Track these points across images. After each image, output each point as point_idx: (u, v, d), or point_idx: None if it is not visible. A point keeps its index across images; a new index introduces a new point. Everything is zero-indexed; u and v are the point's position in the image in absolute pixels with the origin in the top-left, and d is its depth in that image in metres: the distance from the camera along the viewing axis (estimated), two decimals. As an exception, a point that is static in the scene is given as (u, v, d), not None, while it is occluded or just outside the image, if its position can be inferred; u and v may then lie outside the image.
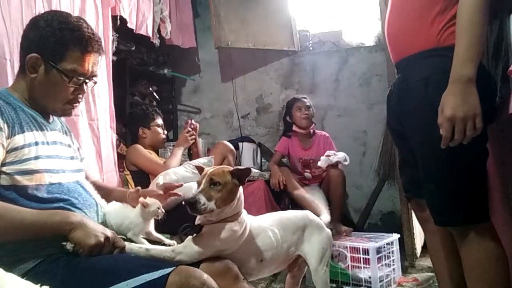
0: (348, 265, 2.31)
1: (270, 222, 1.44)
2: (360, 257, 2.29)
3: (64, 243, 1.05)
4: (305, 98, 3.10)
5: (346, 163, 2.86)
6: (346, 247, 2.36)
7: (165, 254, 1.15)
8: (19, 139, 1.08)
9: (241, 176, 1.28)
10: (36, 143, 1.13)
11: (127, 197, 1.38)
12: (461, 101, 1.10)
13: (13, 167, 1.06)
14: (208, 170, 1.27)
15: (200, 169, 1.36)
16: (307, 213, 1.59)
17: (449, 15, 1.22)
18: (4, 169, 1.05)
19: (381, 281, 2.27)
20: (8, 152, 1.06)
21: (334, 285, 2.29)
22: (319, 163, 2.84)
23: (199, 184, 1.25)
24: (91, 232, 1.04)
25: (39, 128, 1.17)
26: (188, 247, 1.18)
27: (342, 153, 2.86)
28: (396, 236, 2.49)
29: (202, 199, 1.19)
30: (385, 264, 2.35)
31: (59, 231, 1.04)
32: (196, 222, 1.29)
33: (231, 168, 1.30)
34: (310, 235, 1.52)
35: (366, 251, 2.27)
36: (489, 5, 1.13)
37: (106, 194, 1.37)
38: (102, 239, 1.05)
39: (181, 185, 1.49)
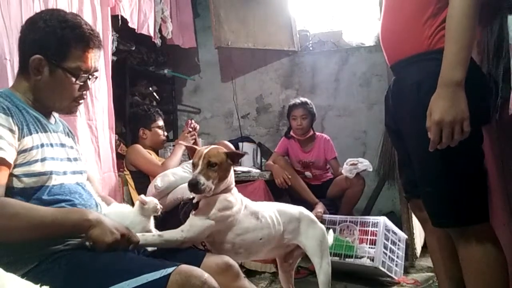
0: (355, 238, 2.41)
1: (268, 207, 1.55)
2: (369, 230, 2.41)
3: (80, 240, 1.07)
4: (304, 104, 3.00)
5: (371, 169, 2.83)
6: (356, 222, 2.49)
7: (176, 236, 1.25)
8: (28, 141, 1.09)
9: (235, 158, 1.44)
10: (42, 145, 1.12)
11: None
12: (450, 105, 1.10)
13: (21, 169, 1.06)
14: (203, 151, 1.37)
15: (191, 149, 1.46)
16: (301, 208, 1.67)
17: (441, 18, 1.22)
18: (13, 171, 1.05)
19: (384, 261, 2.31)
20: (18, 154, 1.06)
21: (337, 258, 2.36)
22: (343, 172, 2.79)
23: (196, 165, 1.35)
24: (108, 230, 1.06)
25: (43, 130, 1.16)
26: (193, 224, 1.31)
27: (365, 161, 2.81)
28: (404, 235, 2.54)
29: (202, 179, 1.32)
30: (389, 250, 2.39)
31: (77, 229, 1.06)
32: (194, 201, 1.40)
33: (225, 150, 1.43)
34: (306, 228, 1.60)
35: (375, 225, 2.40)
36: (480, 8, 1.12)
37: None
38: (118, 237, 1.07)
39: None
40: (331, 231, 1.97)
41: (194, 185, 1.31)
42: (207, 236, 1.36)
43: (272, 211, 1.53)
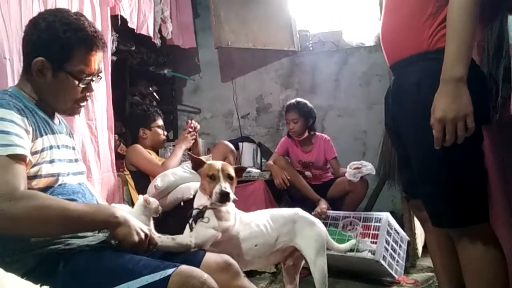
0: (358, 233, 2.44)
1: (260, 215, 1.63)
2: (371, 225, 2.44)
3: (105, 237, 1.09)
4: (295, 107, 2.94)
5: (374, 173, 2.83)
6: (360, 217, 2.54)
7: (186, 240, 1.30)
8: (39, 143, 1.09)
9: (239, 172, 1.60)
10: (51, 147, 1.13)
11: None
12: (452, 101, 1.10)
13: (31, 170, 1.06)
14: (218, 164, 1.50)
15: (196, 160, 1.58)
16: (297, 209, 1.71)
17: (440, 17, 1.22)
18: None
19: (385, 256, 2.31)
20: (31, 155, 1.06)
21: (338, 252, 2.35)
22: (347, 176, 2.78)
23: (216, 177, 1.45)
24: (135, 229, 1.06)
25: (51, 132, 1.16)
26: (200, 232, 1.38)
27: (369, 164, 2.79)
28: (406, 236, 2.56)
29: (231, 190, 1.44)
30: (391, 247, 2.39)
31: (105, 225, 1.06)
32: (198, 206, 1.48)
33: (233, 165, 1.59)
34: (301, 229, 1.64)
35: (378, 221, 2.44)
36: (480, 6, 1.12)
37: None
38: (143, 237, 1.07)
39: None
40: (353, 240, 2.00)
41: (226, 195, 1.41)
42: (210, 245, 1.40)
43: (265, 219, 1.59)
